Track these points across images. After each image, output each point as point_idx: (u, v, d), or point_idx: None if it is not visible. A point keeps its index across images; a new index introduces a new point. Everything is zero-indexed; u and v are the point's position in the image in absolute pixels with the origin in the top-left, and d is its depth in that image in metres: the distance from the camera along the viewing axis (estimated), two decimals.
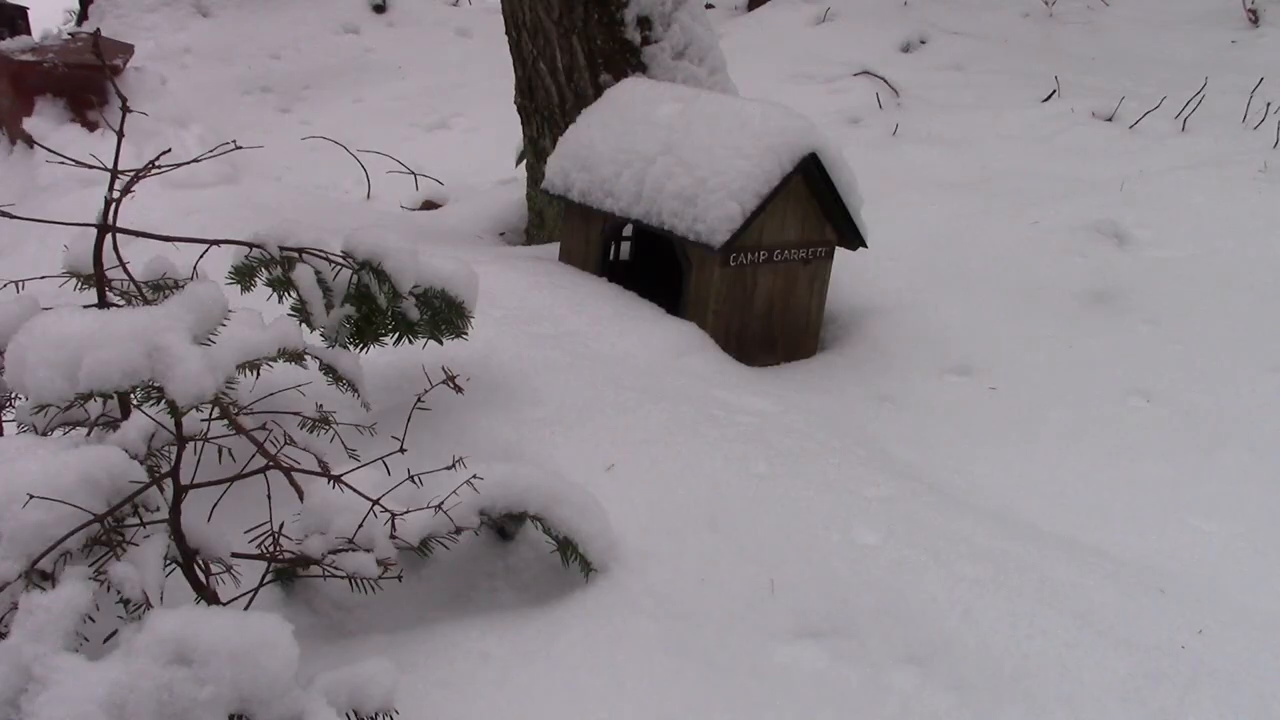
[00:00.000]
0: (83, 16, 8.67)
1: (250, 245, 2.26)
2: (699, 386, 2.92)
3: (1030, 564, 2.26)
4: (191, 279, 2.20)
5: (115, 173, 2.01)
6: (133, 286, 2.20)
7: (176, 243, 2.18)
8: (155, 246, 2.18)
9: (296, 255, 2.29)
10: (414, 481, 1.99)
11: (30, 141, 4.92)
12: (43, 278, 2.27)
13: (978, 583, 2.15)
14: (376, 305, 2.41)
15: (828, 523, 2.32)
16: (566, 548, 2.12)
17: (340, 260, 2.34)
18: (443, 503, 1.99)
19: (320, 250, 2.31)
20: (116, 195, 2.01)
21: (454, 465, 1.97)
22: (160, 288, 2.30)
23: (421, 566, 2.16)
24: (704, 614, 2.07)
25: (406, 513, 1.93)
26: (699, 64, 4.16)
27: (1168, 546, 2.62)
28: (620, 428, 2.56)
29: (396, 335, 2.50)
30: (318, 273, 2.33)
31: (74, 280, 2.29)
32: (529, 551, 2.21)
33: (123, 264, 2.13)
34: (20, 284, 2.19)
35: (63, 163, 2.08)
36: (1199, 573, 2.49)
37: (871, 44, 7.46)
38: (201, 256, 2.26)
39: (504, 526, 2.23)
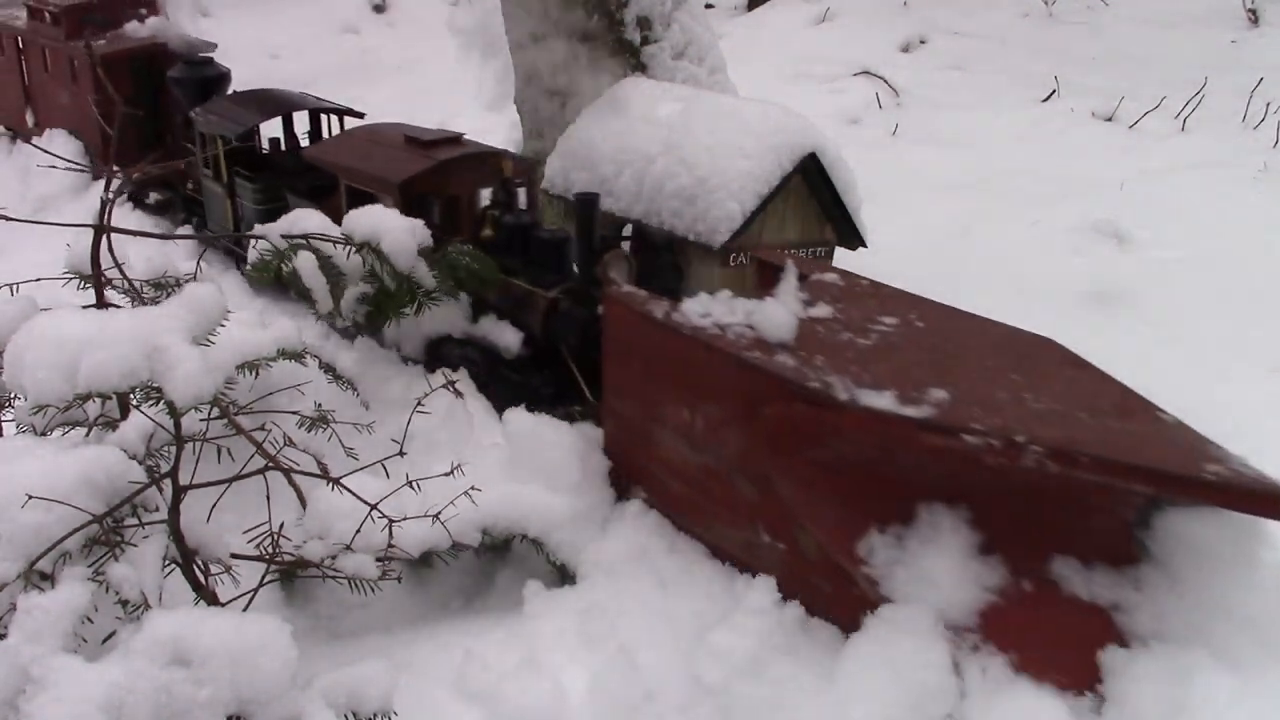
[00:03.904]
0: None
1: (251, 237, 2.26)
2: None
3: None
4: (196, 277, 2.20)
5: (111, 173, 2.01)
6: (135, 285, 2.19)
7: (177, 241, 2.17)
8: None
9: (302, 242, 2.28)
10: (413, 488, 1.99)
11: None
12: (38, 280, 2.26)
13: None
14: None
15: None
16: (563, 572, 2.16)
17: (340, 240, 2.34)
18: (439, 513, 2.00)
19: (323, 234, 2.30)
20: (112, 196, 2.01)
21: (452, 472, 1.98)
22: (161, 286, 2.30)
23: (420, 569, 2.16)
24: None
25: (404, 519, 1.94)
26: (699, 64, 4.15)
27: None
28: None
29: (416, 306, 2.49)
30: (323, 257, 2.31)
31: (75, 280, 2.29)
32: (526, 554, 2.21)
33: (118, 264, 2.13)
34: (14, 287, 2.19)
35: (52, 167, 2.08)
36: None
37: (871, 44, 7.45)
38: (202, 255, 2.26)
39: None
